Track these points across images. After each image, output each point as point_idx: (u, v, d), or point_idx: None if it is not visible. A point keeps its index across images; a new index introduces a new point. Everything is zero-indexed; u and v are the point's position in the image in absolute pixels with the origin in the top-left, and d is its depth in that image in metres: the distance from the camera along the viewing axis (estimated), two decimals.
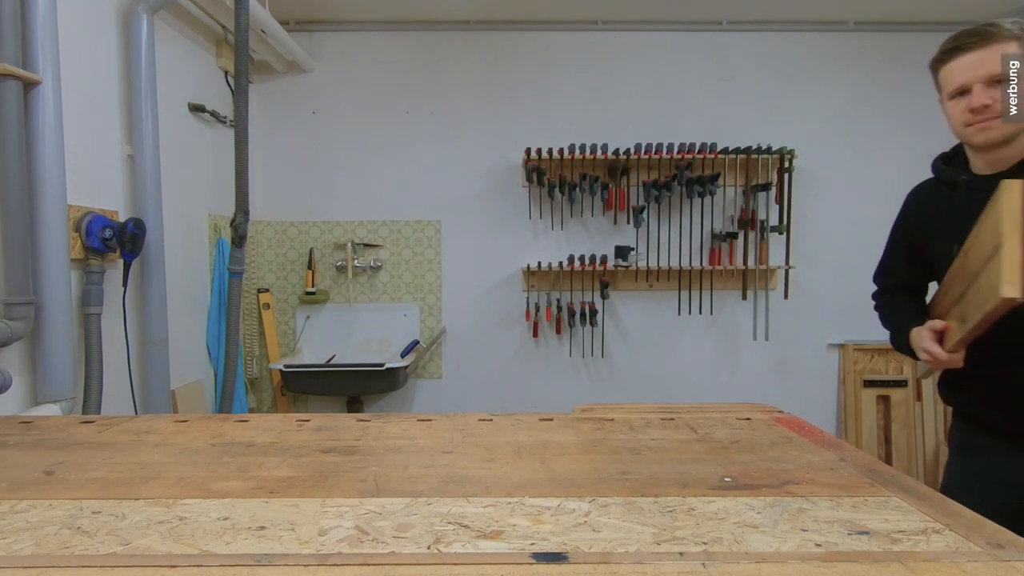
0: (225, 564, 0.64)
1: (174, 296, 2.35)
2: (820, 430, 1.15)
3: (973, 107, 1.21)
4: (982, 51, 1.22)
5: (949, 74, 1.25)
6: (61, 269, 1.74)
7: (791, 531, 0.72)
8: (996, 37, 1.21)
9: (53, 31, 1.69)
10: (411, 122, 3.33)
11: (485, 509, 0.78)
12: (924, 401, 3.35)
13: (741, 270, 3.31)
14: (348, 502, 0.80)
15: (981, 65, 1.22)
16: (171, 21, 2.48)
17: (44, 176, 1.68)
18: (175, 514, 0.77)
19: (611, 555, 0.65)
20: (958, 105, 1.24)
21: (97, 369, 1.89)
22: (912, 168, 3.39)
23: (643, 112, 3.27)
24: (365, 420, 1.22)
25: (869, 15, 3.23)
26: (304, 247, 3.35)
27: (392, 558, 0.65)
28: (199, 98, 2.66)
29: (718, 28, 3.30)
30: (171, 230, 2.33)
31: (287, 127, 3.33)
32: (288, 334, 3.39)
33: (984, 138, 1.23)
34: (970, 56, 1.22)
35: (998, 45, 1.22)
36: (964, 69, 1.22)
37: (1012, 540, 0.69)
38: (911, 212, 1.45)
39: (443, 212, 3.36)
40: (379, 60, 3.32)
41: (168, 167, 2.27)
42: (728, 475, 0.90)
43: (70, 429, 1.18)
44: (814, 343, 3.43)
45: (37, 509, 0.79)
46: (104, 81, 2.06)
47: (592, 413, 1.27)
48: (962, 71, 1.23)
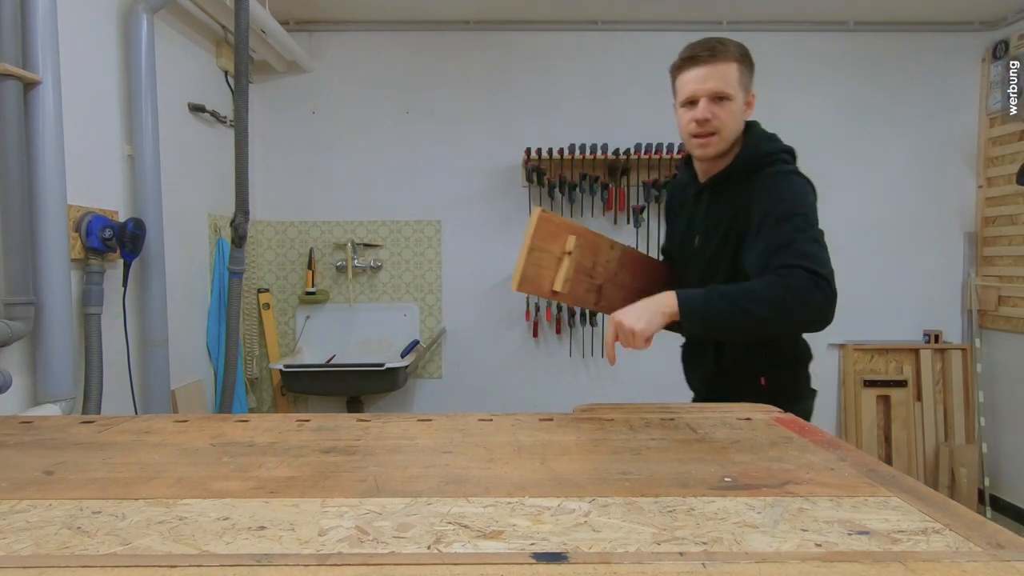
0: (225, 564, 0.64)
1: (174, 296, 2.35)
2: (820, 430, 1.15)
3: (697, 118, 1.34)
4: (710, 67, 1.32)
5: (682, 83, 1.37)
6: (61, 269, 1.74)
7: (791, 531, 0.72)
8: (724, 56, 1.32)
9: (53, 31, 1.69)
10: (411, 122, 3.33)
11: (485, 509, 0.78)
12: (924, 401, 3.35)
13: None
14: (348, 502, 0.80)
15: (708, 80, 1.32)
16: (171, 21, 2.48)
17: (44, 176, 1.68)
18: (175, 514, 0.77)
19: (611, 555, 0.65)
20: (687, 115, 1.37)
21: (97, 369, 1.89)
22: (912, 168, 3.42)
23: (643, 112, 3.27)
24: (365, 420, 1.22)
25: (869, 15, 3.23)
26: (304, 247, 3.35)
27: (392, 558, 0.65)
28: (199, 98, 2.66)
29: (718, 28, 3.29)
30: (171, 230, 2.33)
31: (287, 127, 3.33)
32: (288, 334, 3.39)
33: (702, 153, 1.39)
34: (700, 70, 1.33)
35: (723, 65, 1.32)
36: (694, 81, 1.34)
37: (1012, 540, 0.69)
38: (672, 201, 1.71)
39: (443, 212, 3.36)
40: (379, 60, 3.32)
41: (168, 167, 2.27)
42: (728, 475, 0.90)
43: (70, 429, 1.18)
44: (814, 343, 3.41)
45: (37, 509, 0.79)
46: (104, 81, 2.06)
47: (592, 413, 1.27)
48: (692, 82, 1.34)
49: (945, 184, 3.38)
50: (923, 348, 3.36)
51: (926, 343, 3.38)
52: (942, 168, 3.37)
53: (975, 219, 3.39)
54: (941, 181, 3.38)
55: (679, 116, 1.41)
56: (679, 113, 1.41)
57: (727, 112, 1.34)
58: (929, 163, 3.37)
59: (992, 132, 3.29)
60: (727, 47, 1.33)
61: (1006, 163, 3.20)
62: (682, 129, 1.41)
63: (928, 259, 3.40)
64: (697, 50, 1.33)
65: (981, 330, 3.35)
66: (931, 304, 3.41)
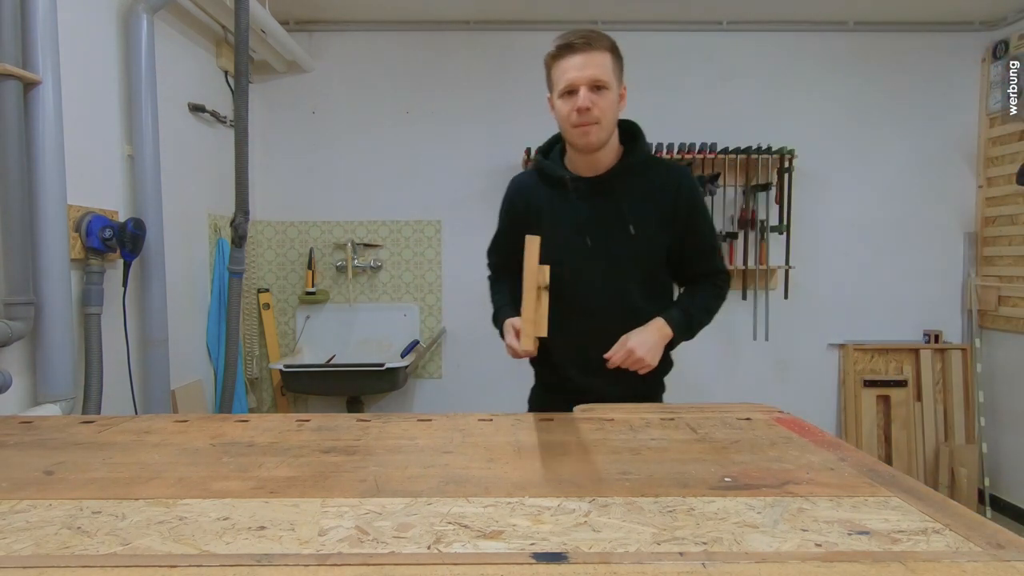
0: (225, 564, 0.64)
1: (174, 296, 2.35)
2: (820, 430, 1.15)
3: (579, 107, 1.33)
4: (586, 55, 1.33)
5: (560, 72, 1.36)
6: (61, 269, 1.74)
7: (791, 531, 0.72)
8: (598, 44, 1.34)
9: (53, 31, 1.69)
10: (411, 122, 3.33)
11: (485, 509, 0.78)
12: (924, 401, 3.35)
13: (741, 270, 3.31)
14: (348, 502, 0.80)
15: (586, 67, 1.32)
16: (171, 21, 2.48)
17: (44, 176, 1.68)
18: (175, 514, 0.77)
19: (611, 555, 0.65)
20: (567, 104, 1.36)
21: (97, 369, 1.89)
22: (912, 168, 3.42)
23: (643, 112, 3.25)
24: (365, 420, 1.22)
25: (869, 15, 3.23)
26: (304, 247, 3.35)
27: (392, 558, 0.65)
28: (199, 98, 2.66)
29: (718, 28, 3.30)
30: (171, 230, 2.33)
31: (287, 127, 3.33)
32: (288, 334, 3.39)
33: (585, 142, 1.37)
34: (578, 58, 1.33)
35: (598, 54, 1.33)
36: (573, 69, 1.34)
37: (1012, 540, 0.69)
38: (517, 203, 1.57)
39: (443, 212, 3.35)
40: (379, 60, 3.32)
41: (168, 167, 2.27)
42: (728, 475, 0.90)
43: (70, 429, 1.18)
44: (814, 343, 3.43)
45: (37, 509, 0.79)
46: (104, 81, 2.06)
47: (592, 413, 1.27)
48: (571, 70, 1.34)
49: (945, 184, 3.38)
50: (923, 348, 3.36)
51: (926, 343, 3.38)
52: (942, 168, 3.37)
53: (975, 219, 3.39)
54: (941, 181, 3.38)
55: (557, 107, 1.39)
56: (557, 104, 1.39)
57: (607, 101, 1.34)
58: (929, 163, 3.37)
59: (992, 132, 3.29)
60: (600, 37, 1.34)
61: (1006, 163, 3.20)
62: (562, 120, 1.39)
63: (928, 259, 3.40)
64: (572, 38, 1.33)
65: (981, 330, 3.35)
66: (931, 304, 3.41)
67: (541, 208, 1.50)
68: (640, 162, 1.45)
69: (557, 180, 1.47)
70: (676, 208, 1.43)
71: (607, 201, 1.43)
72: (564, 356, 1.52)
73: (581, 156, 1.44)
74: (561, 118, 1.39)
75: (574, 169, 1.47)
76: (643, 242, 1.43)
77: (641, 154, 1.45)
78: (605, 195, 1.43)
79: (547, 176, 1.50)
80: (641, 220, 1.42)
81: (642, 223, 1.42)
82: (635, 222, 1.42)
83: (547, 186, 1.50)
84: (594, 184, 1.44)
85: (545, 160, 1.52)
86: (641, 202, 1.43)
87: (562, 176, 1.46)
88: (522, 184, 1.57)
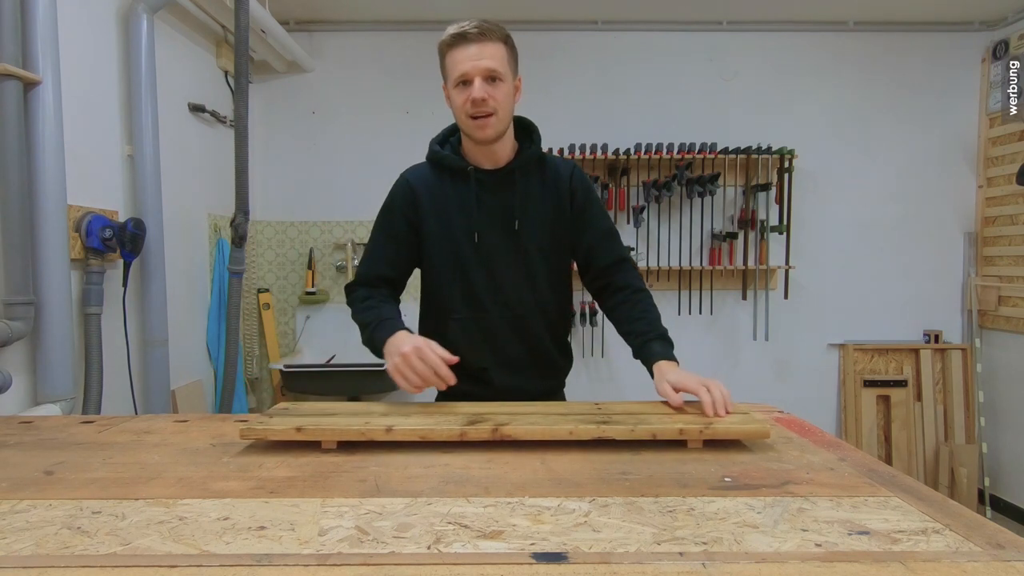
0: (225, 564, 0.64)
1: (174, 296, 2.35)
2: (820, 430, 1.15)
3: (474, 98, 1.31)
4: (480, 46, 1.32)
5: (454, 62, 1.35)
6: (61, 269, 1.74)
7: (791, 531, 0.72)
8: (492, 35, 1.32)
9: (53, 31, 1.69)
10: (411, 122, 3.33)
11: (485, 509, 0.78)
12: (924, 401, 3.35)
13: (741, 270, 3.31)
14: (348, 502, 0.80)
15: (481, 58, 1.31)
16: (171, 21, 2.48)
17: (44, 176, 1.68)
18: (175, 514, 0.77)
19: (611, 555, 0.65)
20: (461, 95, 1.35)
21: (97, 369, 1.89)
22: (912, 168, 3.42)
23: (643, 112, 3.27)
24: None
25: (869, 15, 3.23)
26: (304, 247, 3.35)
27: (392, 558, 0.65)
28: (199, 98, 2.66)
29: (718, 28, 3.30)
30: (171, 230, 2.33)
31: (287, 127, 3.33)
32: (288, 334, 3.39)
33: (482, 135, 1.36)
34: (472, 48, 1.31)
35: (492, 44, 1.33)
36: (467, 59, 1.32)
37: (1012, 540, 0.69)
38: (415, 198, 1.45)
39: None
40: (379, 60, 3.32)
41: (168, 167, 2.27)
42: (728, 475, 0.90)
43: (70, 429, 1.18)
44: (814, 343, 3.43)
45: (37, 509, 0.79)
46: (104, 81, 2.06)
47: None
48: (465, 61, 1.32)
49: (945, 184, 3.38)
50: (923, 348, 3.36)
51: (926, 343, 3.38)
52: (942, 168, 3.37)
53: (975, 219, 3.39)
54: (941, 181, 3.38)
55: (452, 97, 1.37)
56: (452, 94, 1.37)
57: (502, 93, 1.34)
58: (929, 163, 3.37)
59: (992, 132, 3.29)
60: (494, 28, 1.33)
61: (1006, 163, 3.20)
62: (457, 110, 1.37)
63: (928, 259, 3.40)
64: (466, 28, 1.32)
65: (981, 330, 3.35)
66: (931, 304, 3.41)
67: (445, 200, 1.43)
68: (538, 157, 1.48)
69: (458, 171, 1.43)
70: (573, 199, 1.46)
71: (509, 193, 1.43)
72: (480, 357, 1.46)
73: (479, 148, 1.42)
74: (456, 108, 1.38)
75: (473, 161, 1.44)
76: (543, 234, 1.45)
77: (538, 149, 1.49)
78: (507, 188, 1.43)
79: (446, 168, 1.45)
80: (539, 213, 1.45)
81: (539, 216, 1.45)
82: (535, 215, 1.44)
83: (446, 178, 1.45)
84: (496, 176, 1.43)
85: (443, 151, 1.47)
86: (540, 195, 1.45)
87: (463, 167, 1.43)
88: (419, 177, 1.48)
